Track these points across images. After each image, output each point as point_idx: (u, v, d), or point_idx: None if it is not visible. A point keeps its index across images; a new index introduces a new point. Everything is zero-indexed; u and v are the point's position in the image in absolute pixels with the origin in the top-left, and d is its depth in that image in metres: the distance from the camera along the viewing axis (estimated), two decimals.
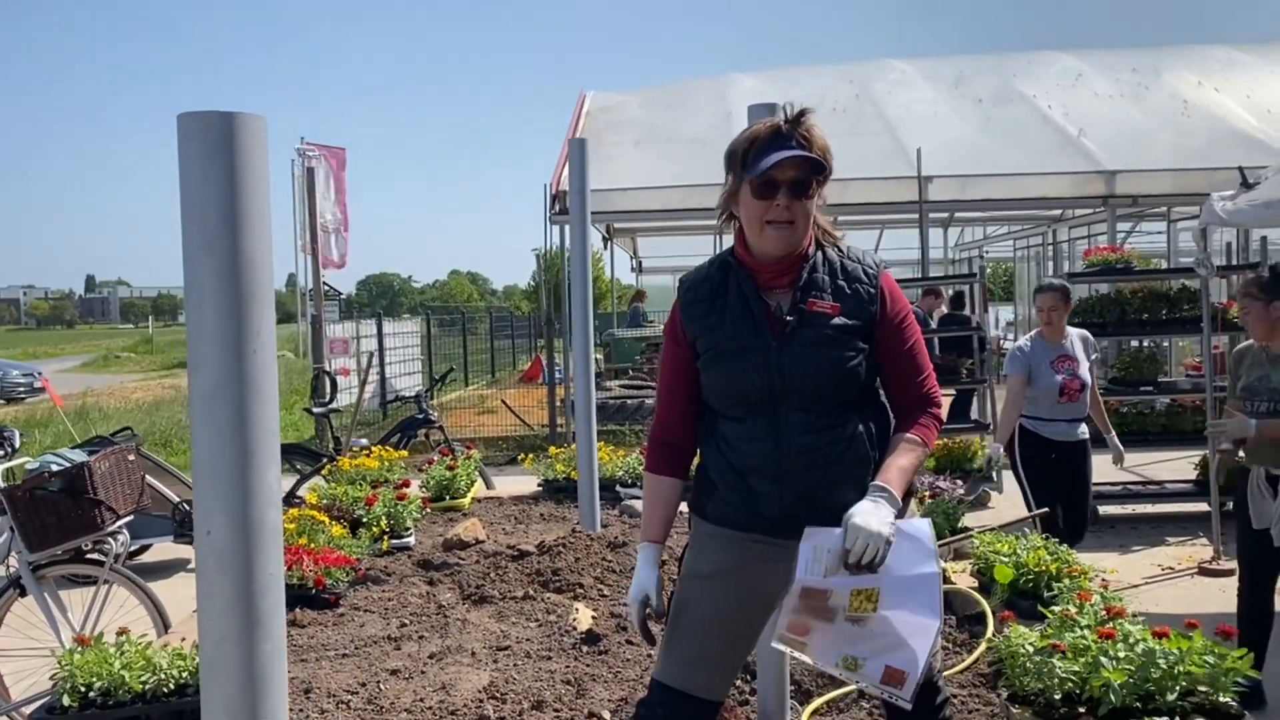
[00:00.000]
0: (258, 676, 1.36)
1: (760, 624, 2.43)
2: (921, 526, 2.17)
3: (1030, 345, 5.53)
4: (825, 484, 2.19)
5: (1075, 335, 5.59)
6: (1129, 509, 7.55)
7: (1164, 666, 2.73)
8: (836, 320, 2.22)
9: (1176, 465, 8.59)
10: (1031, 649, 2.91)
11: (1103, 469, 8.58)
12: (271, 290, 1.40)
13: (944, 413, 2.43)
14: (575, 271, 5.25)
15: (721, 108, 13.84)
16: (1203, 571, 6.10)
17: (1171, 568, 6.24)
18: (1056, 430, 5.47)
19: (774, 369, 2.19)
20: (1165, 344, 11.56)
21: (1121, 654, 2.75)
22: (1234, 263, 9.21)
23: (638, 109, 14.21)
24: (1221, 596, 5.68)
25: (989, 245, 21.44)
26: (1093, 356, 5.63)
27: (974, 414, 10.00)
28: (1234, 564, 6.15)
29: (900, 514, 2.17)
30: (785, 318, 2.21)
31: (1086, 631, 2.93)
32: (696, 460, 2.46)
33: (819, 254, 2.27)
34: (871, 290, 2.27)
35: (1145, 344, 8.80)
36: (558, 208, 11.51)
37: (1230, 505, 6.94)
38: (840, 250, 2.31)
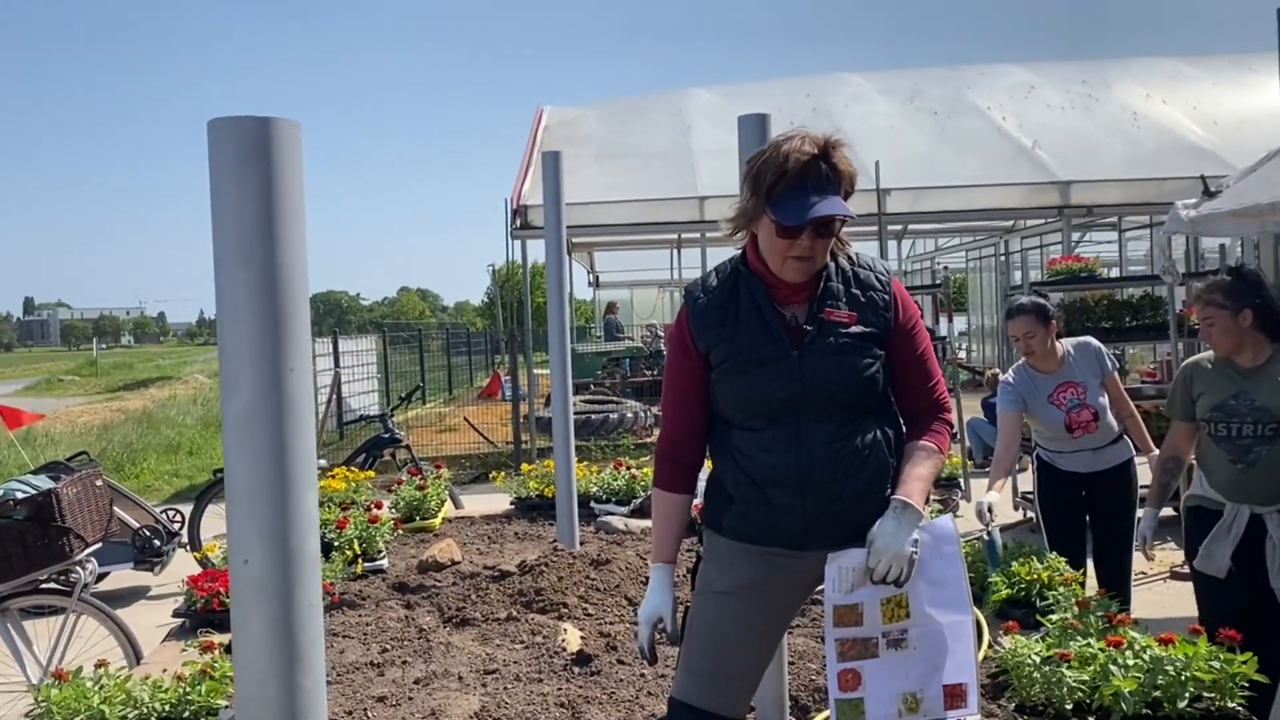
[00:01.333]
0: (299, 714, 1.28)
1: (779, 636, 2.41)
2: (946, 525, 2.17)
3: (1017, 378, 4.58)
4: (846, 495, 2.16)
5: (1075, 351, 4.59)
6: None
7: (1172, 674, 2.73)
8: (854, 328, 2.20)
9: (1143, 470, 8.68)
10: (1038, 659, 2.89)
11: None
12: (307, 305, 1.33)
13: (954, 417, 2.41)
14: (551, 285, 5.19)
15: (680, 122, 13.88)
16: (1175, 575, 6.16)
17: (1144, 573, 6.29)
18: (1079, 462, 4.58)
19: (794, 378, 2.16)
20: (1122, 353, 11.75)
21: (1131, 662, 2.74)
22: (1194, 269, 9.37)
23: (596, 123, 14.20)
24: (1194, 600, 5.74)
25: (941, 256, 21.69)
26: (1107, 366, 4.59)
27: None
28: None
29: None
30: (804, 327, 2.19)
31: (1093, 640, 2.92)
32: (708, 477, 2.41)
33: (832, 264, 2.25)
34: (886, 297, 2.26)
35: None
36: (519, 222, 11.44)
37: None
38: (850, 258, 2.29)
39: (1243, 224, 5.85)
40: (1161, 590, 5.96)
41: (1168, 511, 7.41)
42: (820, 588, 2.25)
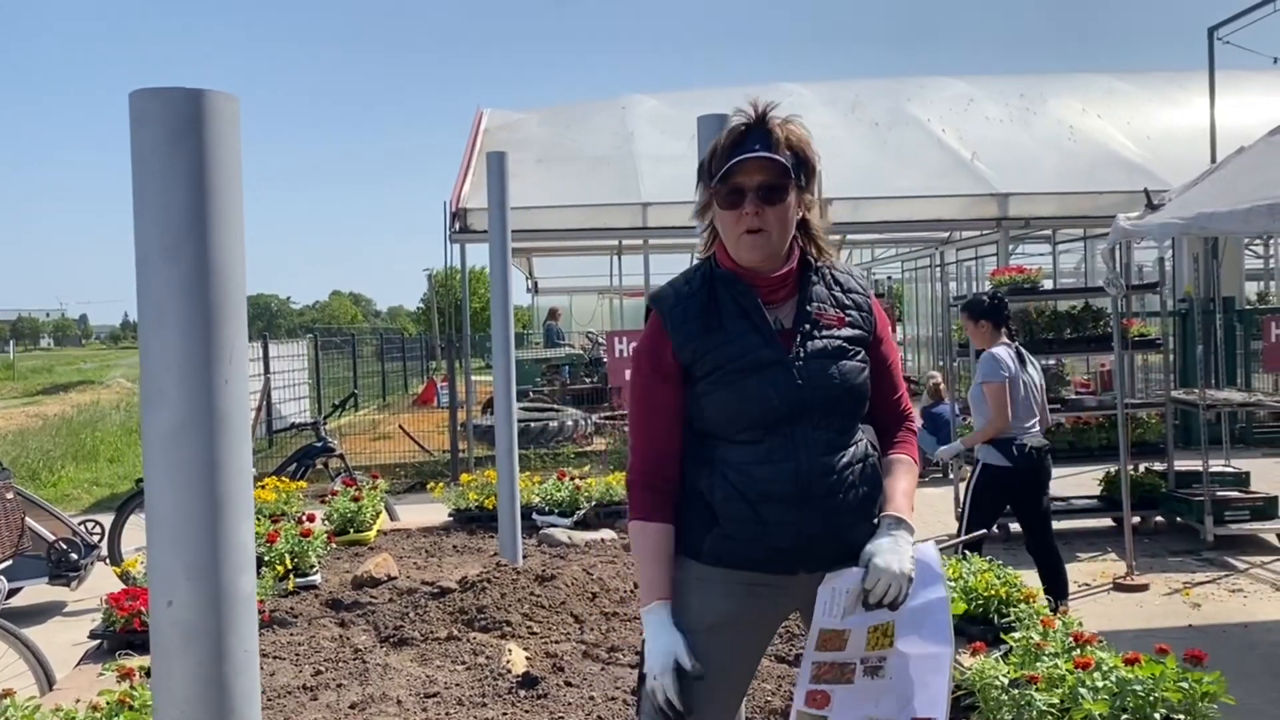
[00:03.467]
0: None
1: (753, 672, 2.25)
2: (929, 551, 2.06)
3: (1006, 353, 5.39)
4: (843, 510, 2.02)
5: (985, 355, 5.48)
6: None
7: (1141, 695, 2.66)
8: (843, 330, 2.09)
9: (1079, 480, 8.77)
10: (1005, 681, 2.80)
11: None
12: (244, 307, 1.16)
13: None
14: (495, 289, 5.02)
15: (622, 128, 13.78)
16: (1118, 587, 6.18)
17: (1088, 584, 6.30)
18: (1036, 436, 5.41)
19: (793, 384, 2.01)
20: (1059, 363, 11.90)
21: (1100, 684, 2.67)
22: (1136, 282, 9.50)
23: (537, 127, 14.03)
24: (1140, 612, 5.76)
25: (878, 267, 21.87)
26: (979, 374, 5.44)
27: None
28: (1147, 579, 6.27)
29: None
30: (798, 329, 2.05)
31: (1060, 660, 2.84)
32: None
33: (817, 265, 2.14)
34: (868, 301, 2.16)
35: (1049, 362, 8.97)
36: (458, 226, 11.22)
37: (1139, 519, 7.17)
38: (828, 263, 2.18)
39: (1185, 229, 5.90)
40: (1106, 601, 5.97)
41: (1103, 523, 7.51)
42: (795, 611, 2.14)
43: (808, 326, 2.05)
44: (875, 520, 2.06)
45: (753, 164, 1.99)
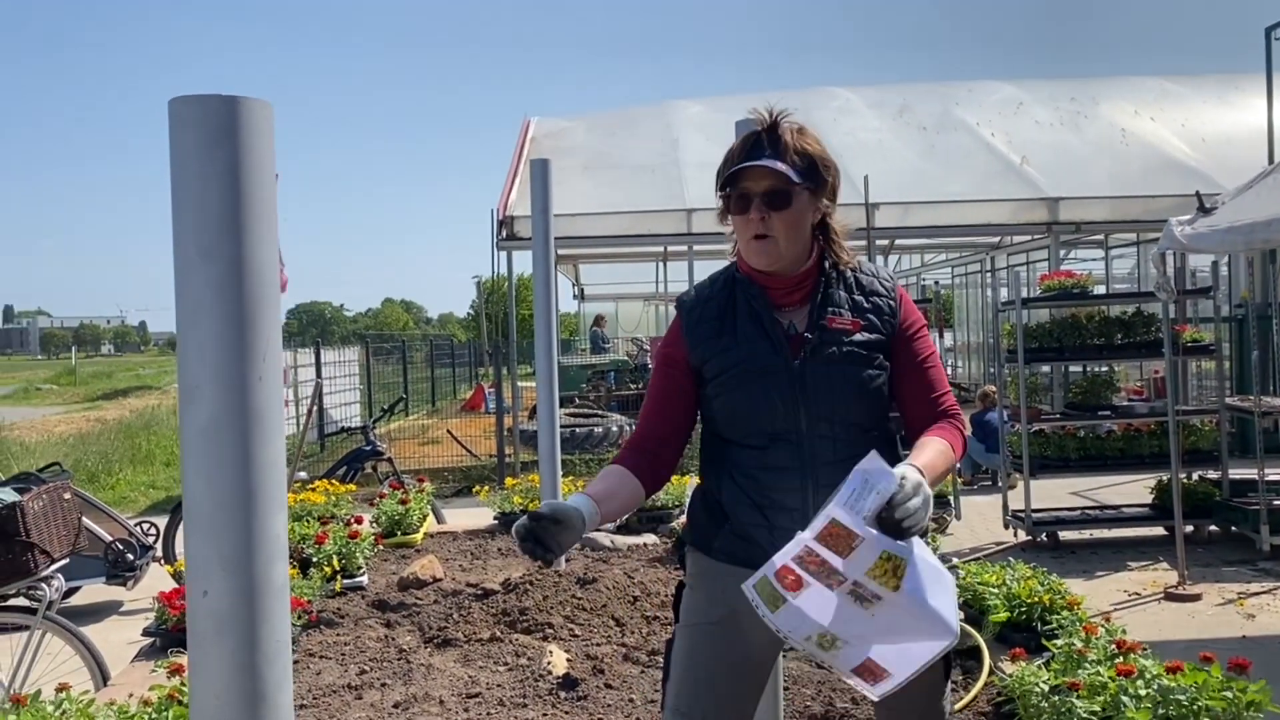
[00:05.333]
0: None
1: (771, 668, 2.24)
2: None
3: None
4: None
5: None
6: (1088, 534, 7.53)
7: (1183, 703, 2.62)
8: (857, 336, 2.06)
9: (1129, 489, 8.63)
10: (1046, 688, 2.78)
11: (1055, 494, 8.65)
12: (278, 306, 1.20)
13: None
14: (538, 294, 5.07)
15: (667, 134, 13.80)
16: (1169, 596, 6.06)
17: (1138, 593, 6.20)
18: None
19: (796, 390, 2.02)
20: (1111, 369, 11.71)
21: (1142, 692, 2.63)
22: (1190, 287, 9.32)
23: (583, 135, 14.10)
24: (1191, 622, 5.65)
25: (927, 272, 21.68)
26: None
27: None
28: (1200, 589, 6.15)
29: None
30: (804, 335, 2.05)
31: (1101, 668, 2.81)
32: (681, 483, 2.26)
33: (833, 270, 2.13)
34: (892, 303, 2.12)
35: (1100, 369, 8.84)
36: (505, 234, 11.32)
37: (1192, 528, 7.04)
38: (854, 266, 2.17)
39: (1237, 240, 5.79)
40: (1156, 610, 5.87)
41: (1155, 531, 7.37)
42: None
43: (818, 332, 2.05)
44: None
45: (758, 170, 2.02)
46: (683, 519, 2.30)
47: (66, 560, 4.15)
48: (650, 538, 5.84)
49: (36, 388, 44.36)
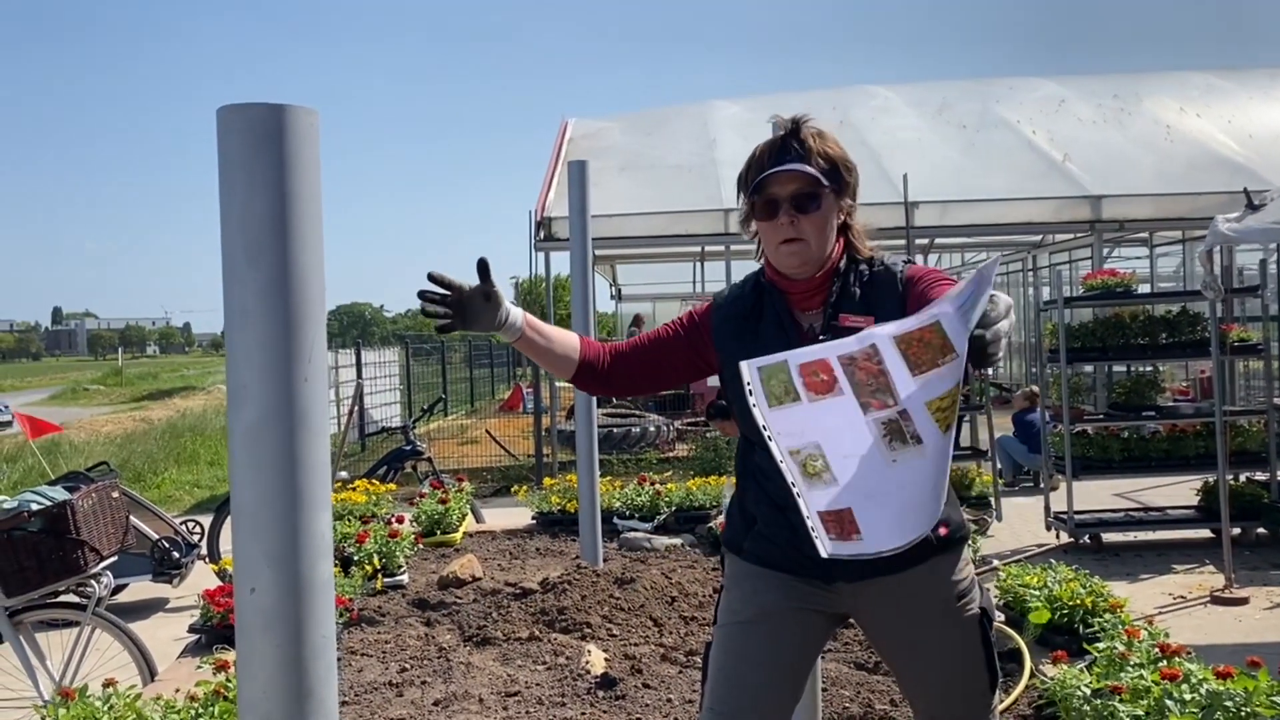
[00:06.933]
0: None
1: (809, 669, 2.24)
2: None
3: None
4: None
5: None
6: (1132, 536, 7.43)
7: (1231, 709, 2.58)
8: None
9: (1174, 491, 8.50)
10: (1088, 691, 2.75)
11: (1098, 496, 8.54)
12: (323, 309, 1.22)
13: None
14: (576, 294, 5.08)
15: (704, 134, 13.79)
16: (1215, 600, 5.97)
17: (1183, 596, 6.11)
18: None
19: None
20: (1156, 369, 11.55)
21: (1188, 696, 2.60)
22: (1237, 285, 9.17)
23: (620, 135, 14.11)
24: (1238, 626, 5.56)
25: (967, 271, 21.48)
26: None
27: (964, 440, 9.93)
28: (1247, 592, 6.05)
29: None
30: (819, 336, 2.05)
31: (1145, 672, 2.77)
32: (732, 494, 2.29)
33: (851, 269, 2.13)
34: (901, 279, 2.09)
35: (1144, 369, 8.73)
36: (543, 234, 11.36)
37: (1239, 530, 6.91)
38: (871, 261, 2.15)
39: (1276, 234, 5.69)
40: (1202, 614, 5.78)
41: (1201, 534, 7.25)
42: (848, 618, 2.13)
43: (830, 333, 2.05)
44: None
45: (785, 175, 2.04)
46: (719, 520, 2.33)
47: (115, 558, 4.23)
48: (688, 538, 5.84)
49: (84, 388, 45.19)
